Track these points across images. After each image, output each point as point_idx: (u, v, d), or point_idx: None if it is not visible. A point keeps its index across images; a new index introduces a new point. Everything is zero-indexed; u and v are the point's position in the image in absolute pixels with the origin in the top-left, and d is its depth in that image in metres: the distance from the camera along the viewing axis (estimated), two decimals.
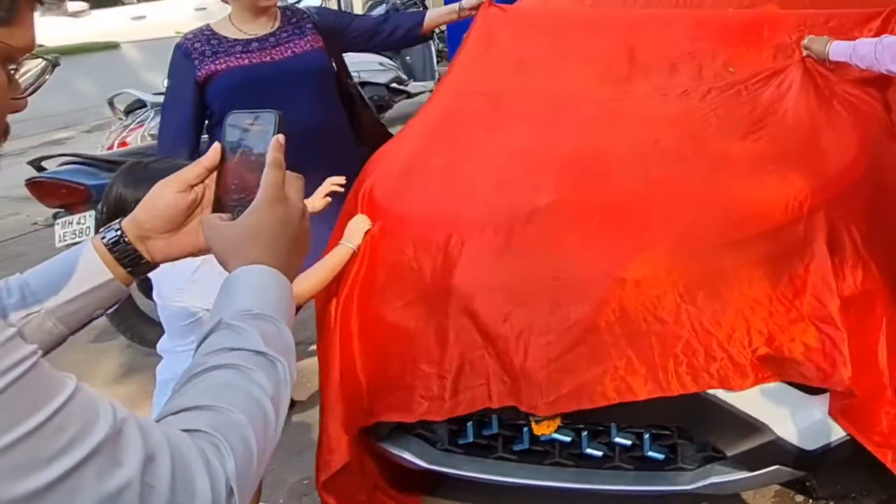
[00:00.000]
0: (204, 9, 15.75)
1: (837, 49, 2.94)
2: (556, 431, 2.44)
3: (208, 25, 3.42)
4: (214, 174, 1.13)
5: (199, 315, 2.20)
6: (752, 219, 2.40)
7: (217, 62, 3.27)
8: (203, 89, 3.29)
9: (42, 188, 4.32)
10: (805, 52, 3.07)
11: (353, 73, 3.87)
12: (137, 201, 2.02)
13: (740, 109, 2.92)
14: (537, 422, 2.37)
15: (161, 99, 6.00)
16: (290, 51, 3.34)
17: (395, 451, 2.74)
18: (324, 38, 3.43)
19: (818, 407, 2.34)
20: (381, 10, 10.27)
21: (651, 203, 2.51)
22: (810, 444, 2.36)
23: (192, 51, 3.31)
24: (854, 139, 2.73)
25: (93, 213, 4.20)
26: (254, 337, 0.93)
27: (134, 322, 4.40)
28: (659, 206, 2.48)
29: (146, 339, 4.42)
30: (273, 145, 1.07)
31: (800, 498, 2.85)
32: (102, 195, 2.13)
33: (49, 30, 14.72)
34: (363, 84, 6.45)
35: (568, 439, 2.51)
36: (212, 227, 1.07)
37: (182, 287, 2.19)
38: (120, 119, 6.63)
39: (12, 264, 6.42)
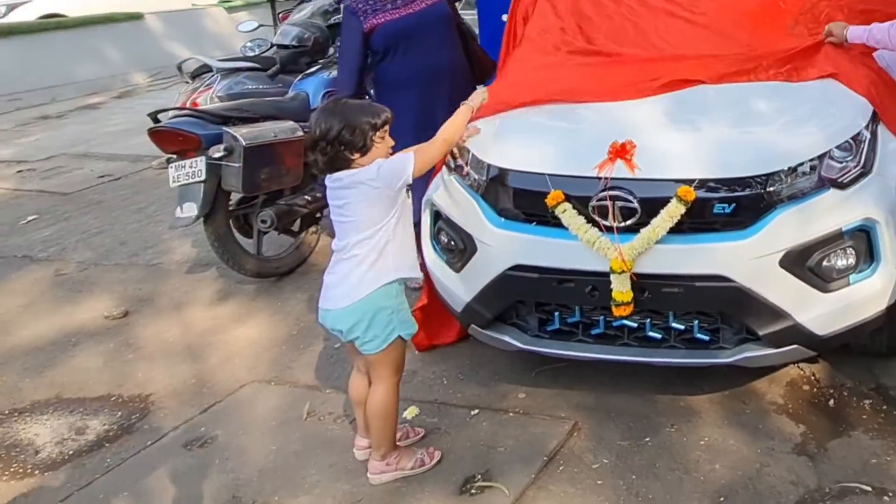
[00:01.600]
0: None
1: (854, 33, 3.78)
2: (628, 317, 3.28)
3: None
4: None
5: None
6: None
7: (377, 17, 4.50)
8: (368, 38, 4.53)
9: (162, 136, 5.10)
10: (826, 36, 3.87)
11: None
12: (341, 129, 2.88)
13: None
14: (617, 306, 3.22)
15: (226, 65, 6.81)
16: (423, 4, 4.58)
17: (496, 336, 3.60)
18: None
19: (828, 302, 3.21)
20: None
21: None
22: (821, 330, 3.24)
23: (357, 10, 4.54)
24: None
25: (203, 158, 4.97)
26: None
27: (235, 252, 5.22)
28: None
29: (244, 268, 5.27)
30: None
31: (806, 387, 3.73)
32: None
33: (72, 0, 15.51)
34: None
35: (634, 325, 3.38)
36: None
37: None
38: (187, 82, 7.33)
39: (95, 209, 7.27)
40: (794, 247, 3.14)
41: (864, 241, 3.20)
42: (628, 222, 3.21)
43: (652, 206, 3.18)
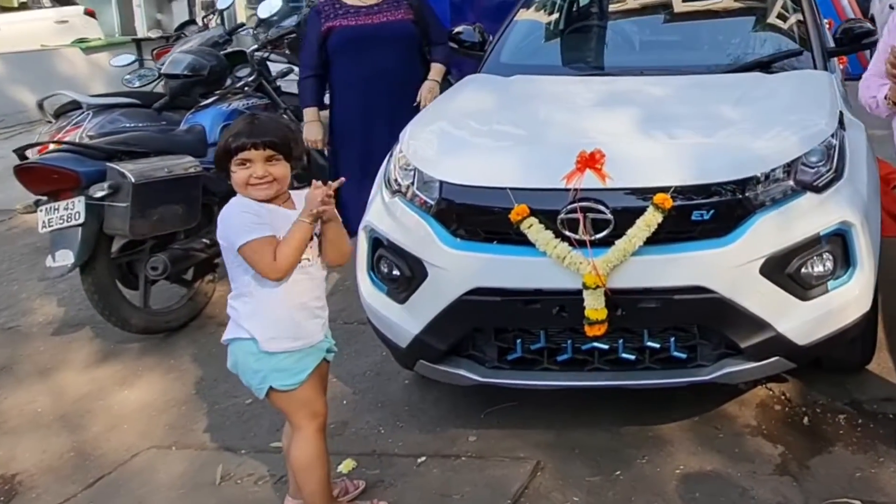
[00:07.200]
0: (66, 21, 16.00)
1: None
2: (599, 339, 3.20)
3: None
4: None
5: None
6: None
7: (335, 20, 5.09)
8: (325, 39, 5.12)
9: (31, 174, 4.71)
10: None
11: None
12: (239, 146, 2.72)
13: None
14: (590, 325, 3.13)
15: (98, 101, 6.42)
16: (385, 18, 5.13)
17: (450, 370, 3.45)
18: (415, 14, 5.21)
19: (808, 310, 3.23)
20: None
21: None
22: (802, 340, 3.25)
23: (321, 11, 5.17)
24: None
25: (82, 198, 4.61)
26: None
27: (119, 306, 4.84)
28: None
29: (130, 323, 4.88)
30: None
31: (778, 407, 3.75)
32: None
33: None
34: None
35: (606, 347, 3.29)
36: None
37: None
38: (49, 121, 6.86)
39: None
40: (774, 253, 3.16)
41: (840, 246, 3.27)
42: (601, 235, 3.16)
43: (627, 217, 3.15)
